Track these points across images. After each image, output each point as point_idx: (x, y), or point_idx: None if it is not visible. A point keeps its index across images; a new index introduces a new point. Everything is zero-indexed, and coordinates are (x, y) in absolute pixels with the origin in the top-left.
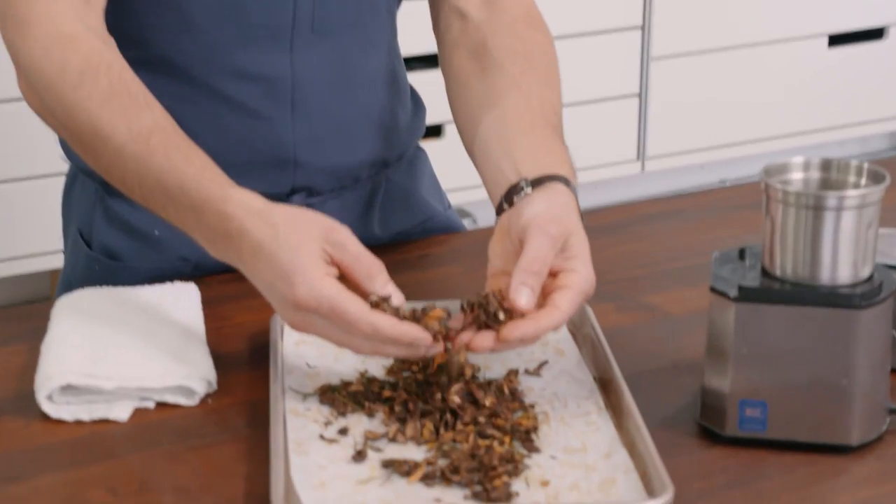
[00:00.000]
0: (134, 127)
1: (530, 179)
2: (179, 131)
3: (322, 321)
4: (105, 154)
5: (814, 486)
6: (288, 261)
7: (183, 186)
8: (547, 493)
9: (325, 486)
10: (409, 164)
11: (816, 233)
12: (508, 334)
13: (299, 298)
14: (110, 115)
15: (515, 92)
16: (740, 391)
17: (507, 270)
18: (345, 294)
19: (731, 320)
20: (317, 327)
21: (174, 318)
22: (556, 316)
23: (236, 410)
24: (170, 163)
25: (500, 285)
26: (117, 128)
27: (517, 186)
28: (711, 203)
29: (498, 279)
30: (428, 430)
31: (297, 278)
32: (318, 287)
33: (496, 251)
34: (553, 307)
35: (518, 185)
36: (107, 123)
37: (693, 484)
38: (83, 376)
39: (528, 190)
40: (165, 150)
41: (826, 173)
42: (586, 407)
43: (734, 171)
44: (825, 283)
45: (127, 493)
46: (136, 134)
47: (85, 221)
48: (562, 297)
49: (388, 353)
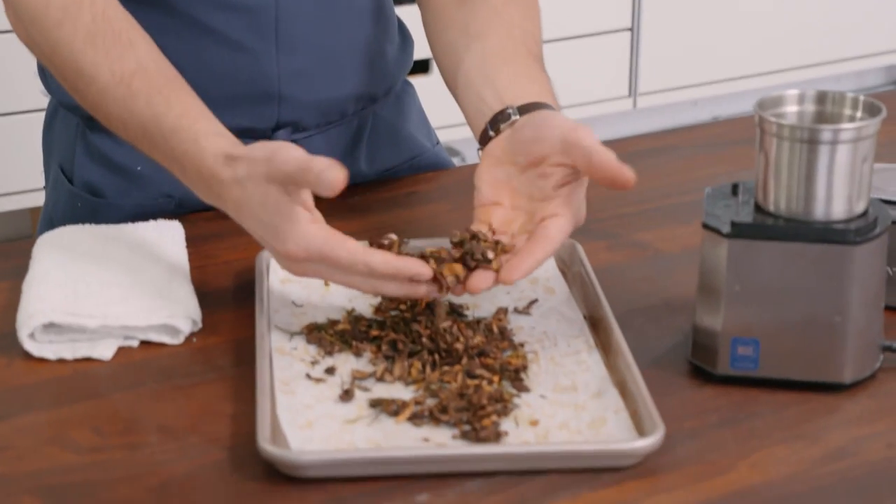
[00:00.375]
0: (116, 68)
1: (516, 107)
2: (163, 69)
3: (320, 266)
4: (90, 95)
5: (806, 425)
6: (268, 218)
7: (164, 136)
8: (536, 432)
9: (312, 426)
10: (396, 99)
11: (811, 167)
12: (510, 276)
13: (290, 251)
14: (93, 55)
15: (497, 21)
16: (732, 329)
17: (497, 201)
18: (334, 239)
19: (723, 257)
20: (318, 272)
21: (158, 255)
22: (550, 246)
23: (222, 349)
24: (151, 110)
25: (490, 216)
26: (100, 69)
27: (504, 113)
28: (704, 138)
29: (487, 210)
30: (416, 369)
31: (282, 232)
32: (304, 237)
33: (486, 179)
34: (545, 238)
35: (505, 111)
36: (90, 64)
37: (684, 423)
38: (66, 315)
39: (516, 116)
40: (147, 94)
41: (821, 106)
42: (576, 346)
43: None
44: (819, 219)
45: (111, 433)
46: (119, 77)
47: (66, 157)
48: (554, 227)
49: (391, 291)
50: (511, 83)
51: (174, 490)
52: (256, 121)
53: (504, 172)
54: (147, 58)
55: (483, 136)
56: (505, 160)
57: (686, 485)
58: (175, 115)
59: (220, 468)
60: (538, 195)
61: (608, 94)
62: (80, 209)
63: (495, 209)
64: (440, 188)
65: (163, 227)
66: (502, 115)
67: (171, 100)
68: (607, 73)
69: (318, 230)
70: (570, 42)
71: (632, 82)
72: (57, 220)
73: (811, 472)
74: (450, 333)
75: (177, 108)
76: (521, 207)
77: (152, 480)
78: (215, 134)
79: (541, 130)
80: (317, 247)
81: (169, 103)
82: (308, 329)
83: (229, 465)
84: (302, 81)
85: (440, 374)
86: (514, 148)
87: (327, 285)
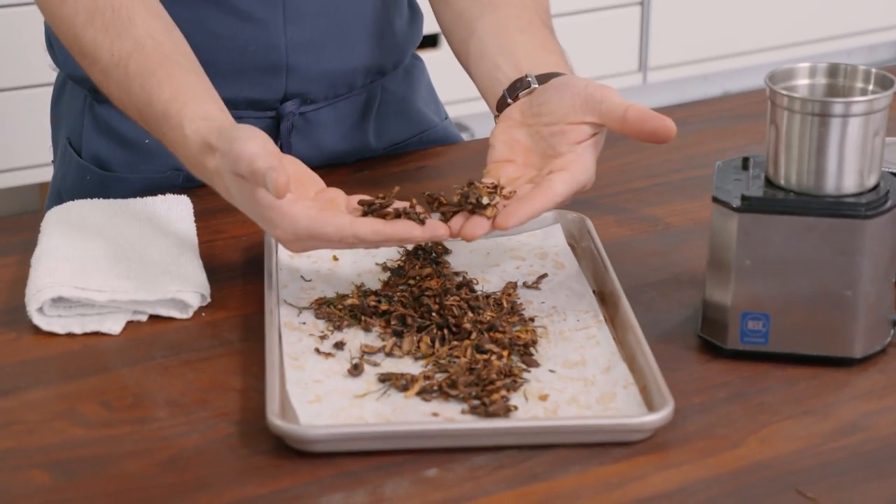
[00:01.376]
0: (115, 49)
1: (535, 75)
2: (161, 46)
3: (316, 242)
4: (94, 74)
5: (816, 400)
6: (249, 207)
7: (157, 120)
8: (546, 407)
9: (321, 401)
10: (405, 73)
11: (822, 141)
12: (505, 221)
13: (280, 237)
14: (94, 35)
15: None
16: (742, 304)
17: (510, 158)
18: (319, 218)
19: (733, 231)
20: (317, 246)
21: (167, 230)
22: (551, 198)
23: (231, 324)
24: (144, 93)
25: (500, 172)
26: (100, 49)
27: (523, 81)
28: (714, 113)
29: (498, 166)
30: (425, 344)
31: (268, 220)
32: (289, 222)
33: (501, 139)
34: (548, 188)
35: (524, 79)
36: (90, 44)
37: (693, 398)
38: (74, 289)
39: (535, 84)
40: (142, 76)
41: (833, 79)
42: (586, 320)
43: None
44: (830, 193)
45: (120, 407)
46: (118, 58)
47: (74, 129)
48: (559, 179)
49: (390, 246)
50: (528, 52)
51: (183, 464)
52: (264, 92)
53: (520, 133)
54: (145, 34)
55: (500, 103)
56: (523, 122)
57: (695, 460)
58: (165, 98)
59: (229, 443)
60: (551, 153)
61: (618, 68)
62: (88, 182)
63: (506, 165)
64: (449, 163)
65: (171, 201)
66: (521, 82)
67: (163, 82)
68: (617, 47)
69: (300, 211)
70: (579, 16)
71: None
72: (65, 194)
73: (821, 448)
74: (459, 308)
75: (168, 90)
76: (533, 164)
77: (161, 455)
78: (201, 119)
79: (562, 91)
80: (304, 228)
81: (161, 86)
82: (317, 304)
83: (238, 440)
84: (310, 52)
85: (449, 348)
86: (534, 110)
87: (336, 259)
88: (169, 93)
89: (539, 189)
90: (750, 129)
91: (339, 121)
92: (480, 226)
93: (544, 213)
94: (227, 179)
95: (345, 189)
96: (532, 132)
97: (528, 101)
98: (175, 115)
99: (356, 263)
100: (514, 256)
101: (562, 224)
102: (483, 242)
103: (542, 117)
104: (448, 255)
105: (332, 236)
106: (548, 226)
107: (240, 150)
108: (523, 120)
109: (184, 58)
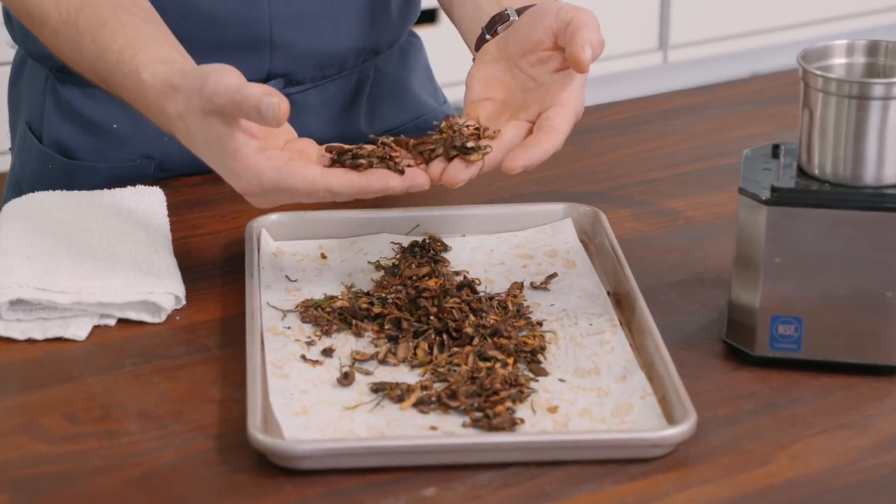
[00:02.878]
0: (63, 7)
1: (515, 8)
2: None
3: (283, 195)
4: (45, 38)
5: (853, 412)
6: (213, 155)
7: (110, 71)
8: (555, 419)
9: (308, 413)
10: (401, 52)
11: (860, 126)
12: (513, 162)
13: (244, 188)
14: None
15: None
16: (772, 306)
17: (489, 96)
18: (286, 168)
19: (762, 226)
20: (283, 200)
21: (137, 225)
22: (556, 135)
23: (208, 328)
24: (96, 45)
25: (479, 111)
26: (47, 11)
27: (502, 14)
28: (741, 96)
29: (478, 105)
30: (422, 350)
31: (231, 170)
32: (254, 173)
33: (477, 77)
34: (550, 127)
35: (503, 13)
36: (37, 6)
37: (718, 410)
38: (35, 290)
39: (514, 17)
40: (92, 29)
41: (872, 58)
42: (599, 324)
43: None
44: (869, 184)
45: (86, 420)
46: (67, 16)
47: (35, 113)
48: (557, 115)
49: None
50: None
51: (155, 483)
52: (245, 71)
53: (497, 68)
54: None
55: (479, 41)
56: (499, 56)
57: (720, 478)
58: (118, 47)
59: (206, 458)
60: (532, 85)
61: (636, 47)
62: (50, 171)
63: (485, 104)
64: None
65: (142, 193)
66: (500, 16)
67: (115, 31)
68: (634, 23)
69: (266, 161)
70: None
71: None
72: (25, 185)
73: (858, 465)
74: (459, 311)
75: (120, 39)
76: (514, 101)
77: (132, 472)
78: (158, 61)
79: (535, 17)
80: (270, 180)
81: (114, 35)
82: (303, 306)
83: (216, 456)
84: (295, 28)
85: (449, 355)
86: (509, 41)
87: (324, 257)
88: (122, 41)
89: (542, 130)
90: (781, 113)
91: (328, 104)
92: (463, 171)
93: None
94: (192, 123)
95: None
96: (510, 66)
97: (504, 35)
98: (129, 61)
99: (346, 262)
100: (521, 255)
101: (573, 218)
102: (486, 239)
103: (518, 47)
104: (447, 253)
105: (301, 189)
106: (557, 220)
107: (217, 83)
108: (499, 54)
109: (138, 8)
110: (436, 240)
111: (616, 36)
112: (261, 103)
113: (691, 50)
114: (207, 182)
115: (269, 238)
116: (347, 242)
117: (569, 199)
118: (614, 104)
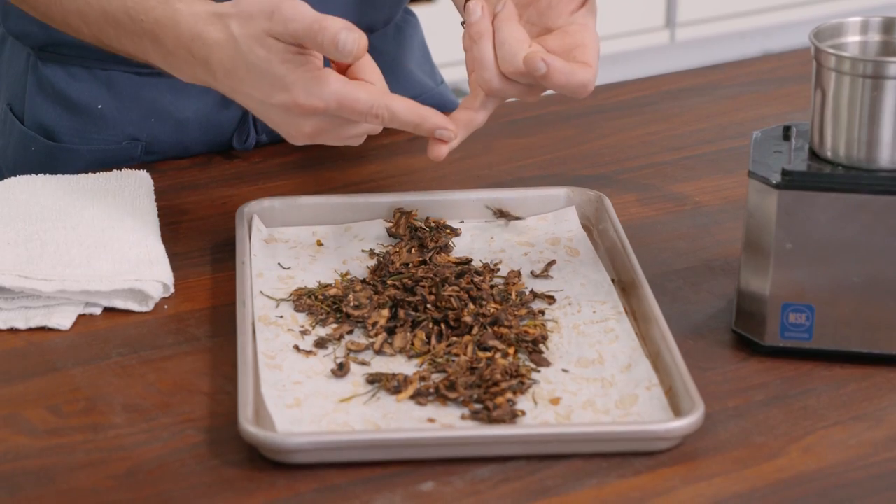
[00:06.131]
0: None
1: None
2: None
3: (333, 121)
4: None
5: (867, 403)
6: (272, 70)
7: (129, 12)
8: (557, 411)
9: (301, 405)
10: (396, 30)
11: (875, 106)
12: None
13: (302, 103)
14: None
15: None
16: (783, 294)
17: None
18: (349, 84)
19: (772, 211)
20: (330, 132)
21: (123, 210)
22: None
23: (198, 318)
24: None
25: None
26: None
27: None
28: (751, 75)
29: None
30: (419, 340)
31: (291, 83)
32: (317, 83)
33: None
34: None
35: None
36: None
37: (726, 401)
38: (17, 278)
39: None
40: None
41: (888, 36)
42: (603, 313)
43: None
44: (884, 167)
45: (71, 413)
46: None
47: (16, 93)
48: (586, 54)
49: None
50: None
51: (143, 477)
52: None
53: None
54: None
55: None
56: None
57: (729, 472)
58: None
59: (195, 452)
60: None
61: (642, 25)
62: (33, 154)
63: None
64: None
65: (128, 177)
66: None
67: None
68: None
69: (328, 74)
70: None
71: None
72: (7, 169)
73: (873, 458)
74: (458, 299)
75: None
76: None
77: (118, 467)
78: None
79: None
80: (333, 91)
81: None
82: (296, 295)
83: (206, 449)
84: None
85: (447, 345)
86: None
87: (320, 244)
88: None
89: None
90: (792, 93)
91: None
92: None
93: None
94: (247, 45)
95: (325, 164)
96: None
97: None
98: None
99: (340, 249)
100: (522, 243)
101: (577, 205)
102: (487, 226)
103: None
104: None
105: (363, 102)
106: (560, 208)
107: (294, 9)
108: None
109: None
110: (442, 224)
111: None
112: (338, 35)
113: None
114: (196, 165)
115: (261, 224)
116: (342, 229)
117: (572, 184)
118: (619, 84)
